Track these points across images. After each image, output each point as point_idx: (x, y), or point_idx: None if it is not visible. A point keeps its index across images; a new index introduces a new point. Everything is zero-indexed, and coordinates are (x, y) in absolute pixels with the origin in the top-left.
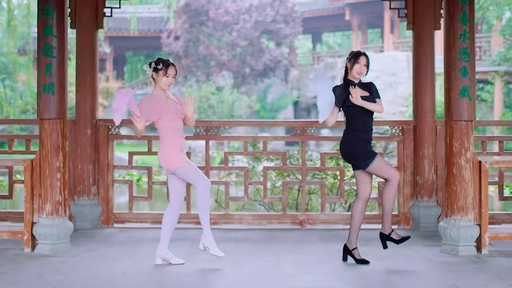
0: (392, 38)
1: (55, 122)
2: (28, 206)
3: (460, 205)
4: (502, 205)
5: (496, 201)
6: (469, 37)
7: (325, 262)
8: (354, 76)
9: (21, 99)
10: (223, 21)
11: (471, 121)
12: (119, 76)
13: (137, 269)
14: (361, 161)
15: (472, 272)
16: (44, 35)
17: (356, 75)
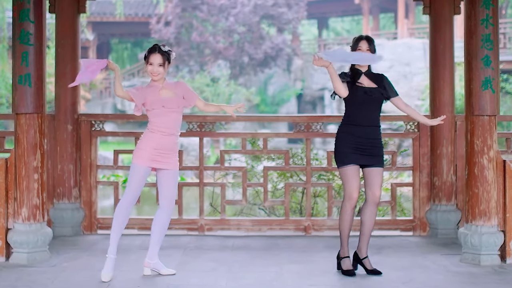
0: (406, 23)
1: (32, 117)
2: (2, 211)
3: (483, 209)
4: None
5: None
6: (492, 22)
7: (332, 273)
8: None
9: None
10: (219, 4)
11: (494, 116)
12: None
13: (123, 280)
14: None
15: (495, 284)
16: (19, 20)
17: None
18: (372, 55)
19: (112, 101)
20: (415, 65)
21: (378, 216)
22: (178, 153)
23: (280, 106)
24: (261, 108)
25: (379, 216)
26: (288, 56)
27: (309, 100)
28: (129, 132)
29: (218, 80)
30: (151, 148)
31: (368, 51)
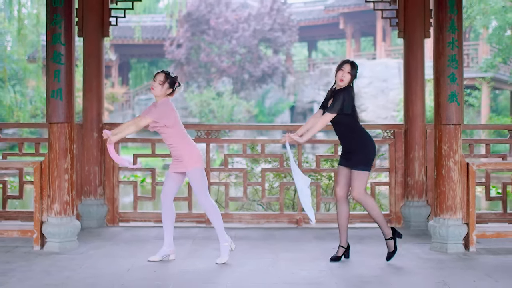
0: (384, 46)
1: (63, 126)
2: (38, 206)
3: (449, 205)
4: (489, 205)
5: (483, 201)
6: (457, 45)
7: (320, 260)
8: (338, 83)
9: (31, 104)
10: (223, 29)
11: (459, 125)
12: (124, 82)
13: (141, 266)
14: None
15: (460, 269)
16: (52, 43)
17: (339, 82)
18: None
19: (131, 112)
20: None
21: (360, 211)
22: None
23: (275, 116)
24: (259, 118)
25: (361, 211)
26: (282, 73)
27: (301, 112)
28: (146, 139)
29: (222, 94)
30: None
31: (348, 74)
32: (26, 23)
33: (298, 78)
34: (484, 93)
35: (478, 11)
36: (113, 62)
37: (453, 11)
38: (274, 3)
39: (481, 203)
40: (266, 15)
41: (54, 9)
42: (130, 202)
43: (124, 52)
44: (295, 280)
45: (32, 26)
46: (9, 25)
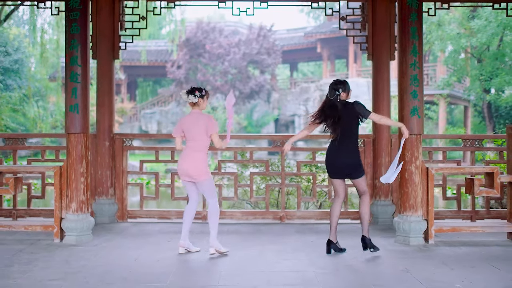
0: (355, 67)
1: (79, 136)
2: (57, 205)
3: (411, 204)
4: (445, 203)
5: (441, 200)
6: (418, 66)
7: (301, 251)
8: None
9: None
10: (217, 53)
11: (420, 135)
12: (132, 98)
13: (146, 256)
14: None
15: (421, 259)
16: (70, 64)
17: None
18: None
19: (138, 124)
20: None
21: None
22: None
23: (262, 127)
24: (248, 129)
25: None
26: (268, 91)
27: (284, 123)
28: (151, 147)
29: (216, 109)
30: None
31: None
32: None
33: (281, 94)
34: (441, 107)
35: (436, 37)
36: (123, 81)
37: (415, 37)
38: (261, 30)
39: (438, 202)
40: (254, 41)
41: (71, 36)
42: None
43: (132, 72)
44: (280, 268)
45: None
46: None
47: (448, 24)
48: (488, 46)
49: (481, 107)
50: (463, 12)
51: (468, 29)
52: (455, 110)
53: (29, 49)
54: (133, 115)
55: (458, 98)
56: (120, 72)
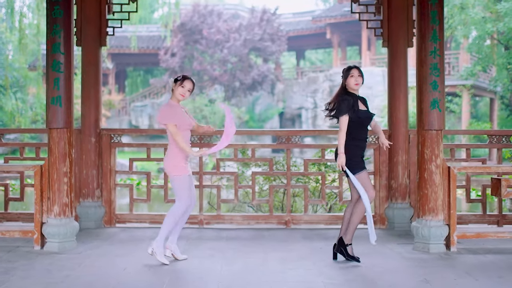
0: (369, 54)
1: (62, 131)
2: (38, 208)
3: (431, 207)
4: (469, 206)
5: (464, 203)
6: (439, 54)
7: (308, 259)
8: (353, 88)
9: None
10: (215, 39)
11: (441, 130)
12: (121, 89)
13: (137, 265)
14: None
15: (441, 268)
16: (52, 52)
17: (354, 87)
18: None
19: (128, 118)
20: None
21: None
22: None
23: (265, 122)
24: (249, 124)
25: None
26: (272, 81)
27: (289, 117)
28: (141, 143)
29: (214, 101)
30: (184, 159)
31: (359, 77)
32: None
33: (286, 85)
34: (465, 100)
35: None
36: (110, 70)
37: (435, 22)
38: (264, 14)
39: (461, 205)
40: (257, 26)
41: (54, 20)
42: (126, 204)
43: (120, 61)
44: (284, 279)
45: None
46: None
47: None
48: None
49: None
50: None
51: (495, 12)
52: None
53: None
54: (122, 108)
55: (483, 90)
56: (107, 60)
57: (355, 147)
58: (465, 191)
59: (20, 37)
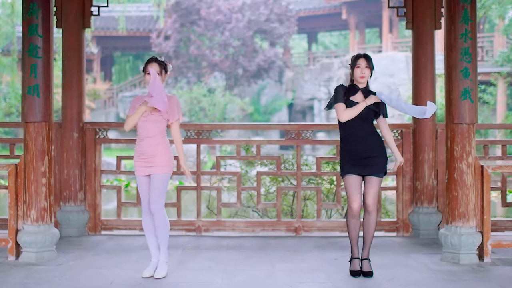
0: (390, 38)
1: (40, 125)
2: (12, 213)
3: (462, 212)
4: (505, 211)
5: (499, 207)
6: (470, 36)
7: (321, 271)
8: (358, 81)
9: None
10: (215, 20)
11: (473, 124)
12: (107, 77)
13: (126, 278)
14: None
15: (474, 282)
16: (29, 34)
17: (359, 79)
18: (421, 108)
19: (115, 110)
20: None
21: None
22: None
23: (272, 115)
24: (254, 117)
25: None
26: (279, 68)
27: (300, 110)
28: (131, 139)
29: (214, 91)
30: (136, 155)
31: (367, 68)
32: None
33: (296, 73)
34: (500, 89)
35: (494, 0)
36: (95, 56)
37: (466, 0)
38: None
39: (496, 209)
40: (262, 4)
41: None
42: (114, 209)
43: (107, 45)
44: None
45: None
46: None
47: None
48: None
49: None
50: None
51: None
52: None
53: None
54: (108, 98)
55: None
56: (92, 44)
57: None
58: (500, 193)
59: None
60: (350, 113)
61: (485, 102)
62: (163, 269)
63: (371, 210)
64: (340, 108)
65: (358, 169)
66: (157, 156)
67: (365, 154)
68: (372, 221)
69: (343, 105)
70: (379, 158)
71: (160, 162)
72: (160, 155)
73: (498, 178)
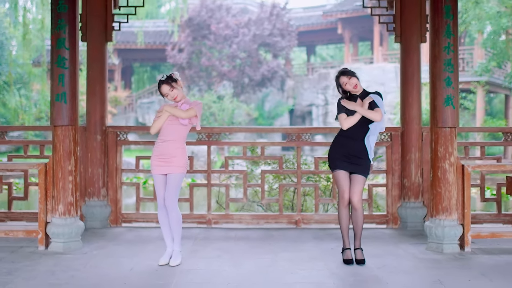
0: (381, 50)
1: (67, 129)
2: (42, 207)
3: (445, 206)
4: (483, 206)
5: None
6: (453, 49)
7: (319, 260)
8: (353, 91)
9: (36, 107)
10: (224, 34)
11: (454, 127)
12: (127, 86)
13: (144, 265)
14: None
15: (455, 269)
16: (57, 47)
17: (354, 90)
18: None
19: (134, 115)
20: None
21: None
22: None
23: (275, 119)
24: (259, 121)
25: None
26: (281, 77)
27: (299, 115)
28: (148, 141)
29: (223, 98)
30: (153, 155)
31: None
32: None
33: (297, 81)
34: (479, 96)
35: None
36: (116, 66)
37: (449, 16)
38: (274, 8)
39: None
40: (266, 20)
41: (58, 15)
42: (133, 203)
43: (127, 57)
44: (294, 280)
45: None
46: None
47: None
48: None
49: None
50: None
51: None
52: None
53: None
54: (128, 105)
55: (498, 86)
56: (113, 56)
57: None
58: (479, 190)
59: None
60: (350, 122)
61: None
62: (177, 257)
63: (357, 207)
64: (341, 118)
65: (347, 165)
66: (176, 157)
67: (355, 154)
68: (359, 216)
69: (344, 115)
70: (365, 160)
71: (177, 162)
72: (178, 157)
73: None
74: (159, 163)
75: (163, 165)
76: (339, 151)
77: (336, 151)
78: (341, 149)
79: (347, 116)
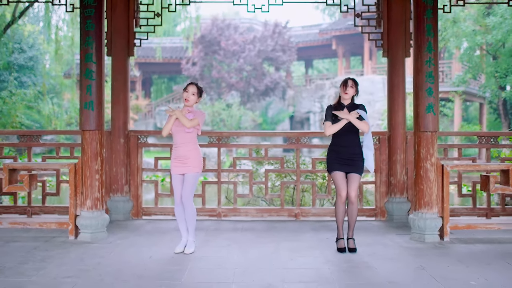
0: (370, 64)
1: (94, 133)
2: (72, 202)
3: (426, 201)
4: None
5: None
6: (433, 63)
7: (316, 248)
8: (343, 97)
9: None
10: (232, 50)
11: (435, 132)
12: (147, 95)
13: (161, 253)
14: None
15: (436, 256)
16: (85, 61)
17: (343, 95)
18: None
19: (153, 121)
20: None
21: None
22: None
23: (277, 124)
24: (263, 126)
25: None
26: (283, 88)
27: (299, 120)
28: (166, 144)
29: (231, 106)
30: (173, 158)
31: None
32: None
33: (296, 91)
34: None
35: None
36: (137, 78)
37: (430, 34)
38: (276, 27)
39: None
40: (269, 38)
41: (86, 32)
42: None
43: (146, 69)
44: (294, 266)
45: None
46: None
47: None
48: (503, 43)
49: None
50: (479, 9)
51: (484, 26)
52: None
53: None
54: (148, 112)
55: (474, 95)
56: (135, 69)
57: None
58: (457, 186)
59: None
60: (332, 129)
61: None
62: (191, 246)
63: (353, 201)
64: (326, 125)
65: (343, 167)
66: (191, 158)
67: (348, 157)
68: (354, 209)
69: (328, 123)
70: (359, 161)
71: (192, 163)
72: (192, 158)
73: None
74: (177, 164)
75: (180, 165)
76: (335, 156)
77: (332, 156)
78: (336, 155)
79: (331, 124)
